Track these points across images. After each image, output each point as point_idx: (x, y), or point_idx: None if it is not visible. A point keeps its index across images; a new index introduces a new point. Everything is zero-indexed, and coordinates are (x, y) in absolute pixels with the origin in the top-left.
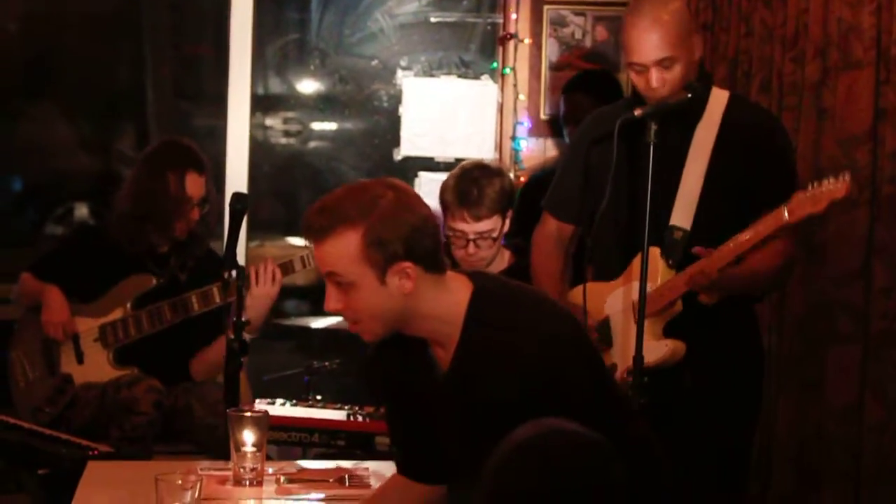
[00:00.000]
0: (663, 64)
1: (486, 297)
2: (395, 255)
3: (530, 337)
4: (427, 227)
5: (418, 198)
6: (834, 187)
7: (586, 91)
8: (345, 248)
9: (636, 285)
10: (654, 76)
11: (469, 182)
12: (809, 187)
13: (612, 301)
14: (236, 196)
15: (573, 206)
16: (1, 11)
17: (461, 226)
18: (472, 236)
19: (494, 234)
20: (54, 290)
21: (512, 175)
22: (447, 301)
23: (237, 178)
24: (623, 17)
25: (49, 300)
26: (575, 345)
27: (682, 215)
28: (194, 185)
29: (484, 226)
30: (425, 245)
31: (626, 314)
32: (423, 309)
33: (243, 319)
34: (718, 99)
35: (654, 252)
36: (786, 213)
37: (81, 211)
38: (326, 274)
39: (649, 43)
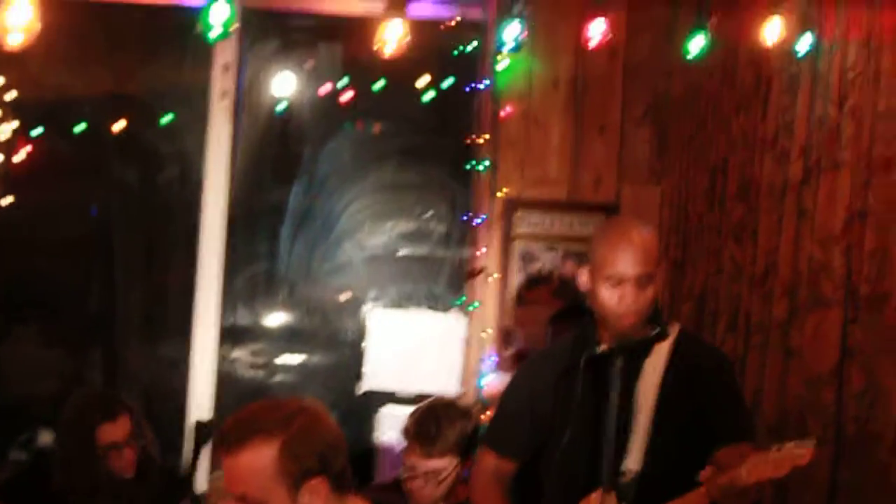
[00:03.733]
0: (641, 281)
1: None
2: (310, 471)
3: None
4: (340, 446)
5: (331, 417)
6: (797, 453)
7: (574, 319)
8: (259, 462)
9: None
10: (631, 291)
11: (430, 419)
12: (773, 448)
13: None
14: (199, 425)
15: (517, 443)
16: None
17: (412, 460)
18: (420, 472)
19: (442, 476)
20: None
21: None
22: None
23: (201, 408)
24: (594, 236)
25: None
26: None
27: (632, 456)
28: (111, 432)
29: (434, 464)
30: (339, 462)
31: None
32: None
33: None
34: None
35: (608, 496)
36: (744, 474)
37: (45, 438)
38: (236, 498)
39: (634, 257)
